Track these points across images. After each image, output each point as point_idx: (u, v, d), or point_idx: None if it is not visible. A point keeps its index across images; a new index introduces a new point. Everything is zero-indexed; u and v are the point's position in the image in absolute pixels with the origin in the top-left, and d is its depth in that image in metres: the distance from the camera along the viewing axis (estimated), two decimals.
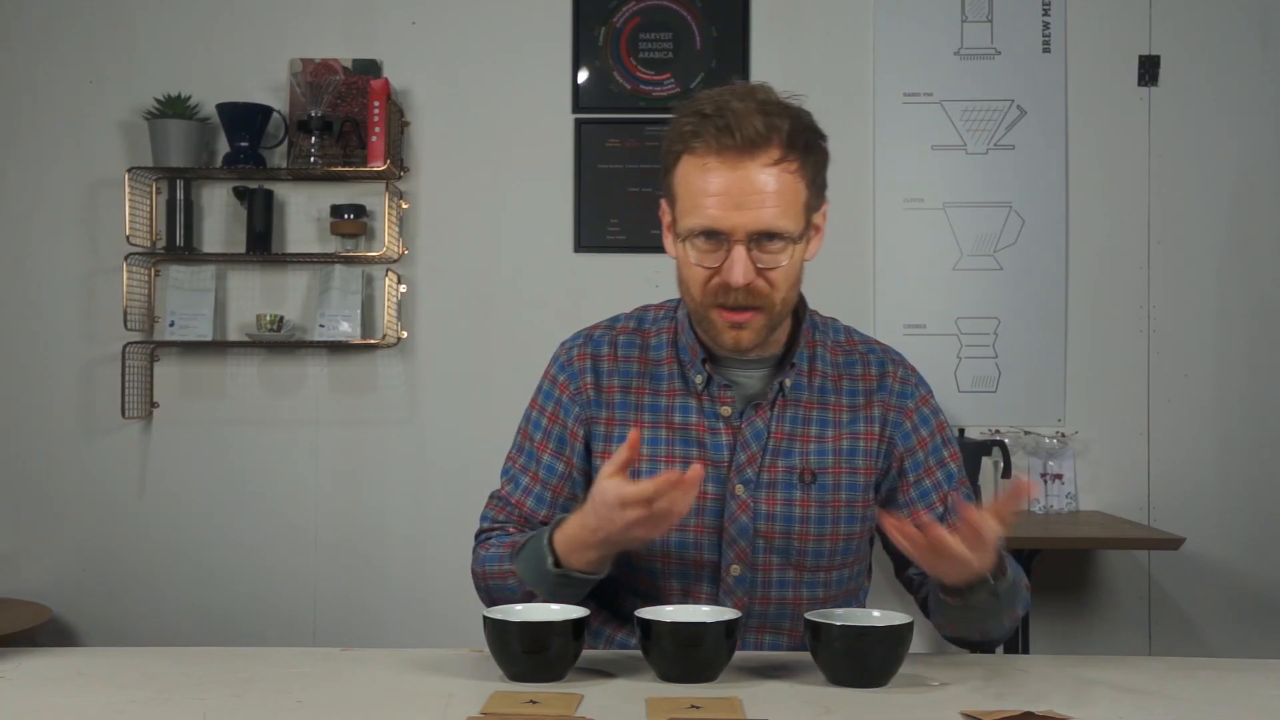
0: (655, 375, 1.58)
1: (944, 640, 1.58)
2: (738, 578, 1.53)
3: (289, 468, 3.62)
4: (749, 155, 1.41)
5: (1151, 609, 3.56)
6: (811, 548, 1.53)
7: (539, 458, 1.59)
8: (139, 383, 3.57)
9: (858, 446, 1.55)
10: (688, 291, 1.50)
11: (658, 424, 1.55)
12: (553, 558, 1.44)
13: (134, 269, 3.52)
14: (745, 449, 1.53)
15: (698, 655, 1.31)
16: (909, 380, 1.60)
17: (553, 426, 1.59)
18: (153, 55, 3.63)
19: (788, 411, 1.55)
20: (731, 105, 1.42)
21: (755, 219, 1.42)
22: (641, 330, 1.62)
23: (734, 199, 1.42)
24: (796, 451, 1.54)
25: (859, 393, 1.58)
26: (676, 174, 1.47)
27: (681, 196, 1.46)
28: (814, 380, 1.57)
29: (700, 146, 1.43)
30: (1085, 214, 3.59)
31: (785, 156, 1.43)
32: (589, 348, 1.61)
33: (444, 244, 3.63)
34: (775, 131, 1.42)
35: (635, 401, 1.57)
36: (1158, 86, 3.58)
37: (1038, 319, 3.58)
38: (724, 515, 1.52)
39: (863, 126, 3.61)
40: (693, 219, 1.44)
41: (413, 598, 3.55)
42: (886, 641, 1.30)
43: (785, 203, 1.43)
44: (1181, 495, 3.55)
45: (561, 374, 1.61)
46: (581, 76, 3.62)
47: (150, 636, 3.51)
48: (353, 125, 3.52)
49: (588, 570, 1.44)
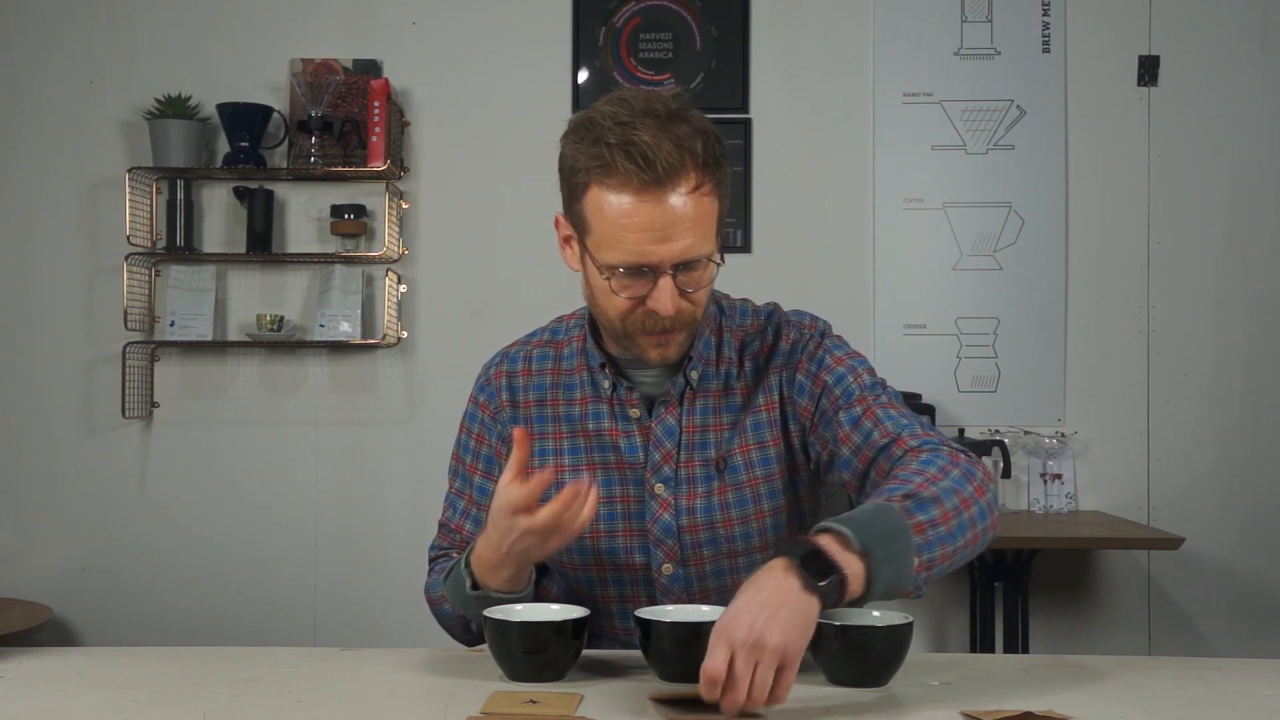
0: (568, 385, 1.58)
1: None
2: (671, 576, 1.52)
3: (289, 468, 3.62)
4: (668, 187, 1.37)
5: (1151, 609, 3.56)
6: (739, 531, 1.52)
7: (471, 480, 1.61)
8: (139, 383, 3.57)
9: (761, 420, 1.53)
10: (604, 315, 1.48)
11: (575, 433, 1.56)
12: (470, 580, 1.43)
13: (134, 269, 3.52)
14: (659, 447, 1.53)
15: (697, 655, 1.31)
16: (800, 339, 1.55)
17: (480, 447, 1.61)
18: (153, 55, 3.63)
19: (698, 404, 1.54)
20: (640, 135, 1.36)
21: (680, 251, 1.39)
22: (555, 342, 1.62)
23: (657, 233, 1.38)
24: (711, 443, 1.53)
25: (760, 369, 1.56)
26: (586, 203, 1.42)
27: (597, 229, 1.41)
28: (721, 368, 1.55)
29: (614, 182, 1.38)
30: (1085, 214, 3.58)
31: (701, 180, 1.39)
32: (504, 365, 1.62)
33: (444, 244, 3.63)
34: (688, 154, 1.38)
35: (551, 413, 1.57)
36: (1157, 86, 3.58)
37: (1037, 319, 3.58)
38: (646, 517, 1.52)
39: (862, 126, 3.61)
40: (614, 254, 1.40)
41: (413, 597, 3.50)
42: (887, 641, 1.30)
43: (704, 227, 1.41)
44: (1181, 495, 3.55)
45: (481, 394, 1.62)
46: (581, 76, 3.62)
47: (150, 636, 3.51)
48: (353, 125, 3.52)
49: (504, 589, 1.41)
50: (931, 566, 1.31)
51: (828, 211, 3.62)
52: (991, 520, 1.39)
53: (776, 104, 3.61)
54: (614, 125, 1.38)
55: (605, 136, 1.38)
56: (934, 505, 1.32)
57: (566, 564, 1.56)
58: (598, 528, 1.53)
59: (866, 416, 1.47)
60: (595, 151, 1.38)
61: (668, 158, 1.36)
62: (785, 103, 3.61)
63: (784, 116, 3.61)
